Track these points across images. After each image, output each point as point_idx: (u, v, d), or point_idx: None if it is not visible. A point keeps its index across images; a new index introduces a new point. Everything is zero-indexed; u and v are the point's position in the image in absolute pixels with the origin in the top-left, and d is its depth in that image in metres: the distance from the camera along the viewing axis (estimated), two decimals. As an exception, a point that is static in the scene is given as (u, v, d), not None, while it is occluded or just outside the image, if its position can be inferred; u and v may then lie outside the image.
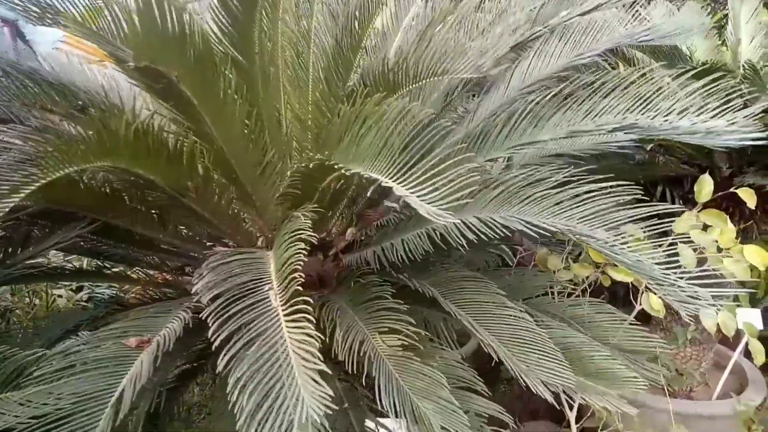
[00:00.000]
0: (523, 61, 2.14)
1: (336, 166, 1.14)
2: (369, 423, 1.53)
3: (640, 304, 1.88)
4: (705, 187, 2.10)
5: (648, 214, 1.38)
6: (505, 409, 1.52)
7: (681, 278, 1.24)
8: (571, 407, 1.96)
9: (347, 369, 1.33)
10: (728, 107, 1.38)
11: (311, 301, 1.00)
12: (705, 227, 1.95)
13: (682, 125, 1.38)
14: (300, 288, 1.01)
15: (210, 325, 1.00)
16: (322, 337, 0.96)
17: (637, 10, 2.18)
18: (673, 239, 1.74)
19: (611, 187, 1.37)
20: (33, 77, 1.65)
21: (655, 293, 1.78)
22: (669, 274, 1.17)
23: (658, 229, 1.42)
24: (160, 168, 1.55)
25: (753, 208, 2.22)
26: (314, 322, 0.96)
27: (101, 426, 1.05)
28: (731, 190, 2.20)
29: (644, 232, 1.42)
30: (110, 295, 3.51)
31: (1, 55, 1.59)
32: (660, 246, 1.45)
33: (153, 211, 1.84)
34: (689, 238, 1.84)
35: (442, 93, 2.11)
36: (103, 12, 1.32)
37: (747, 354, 2.41)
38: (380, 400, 1.26)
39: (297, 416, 0.88)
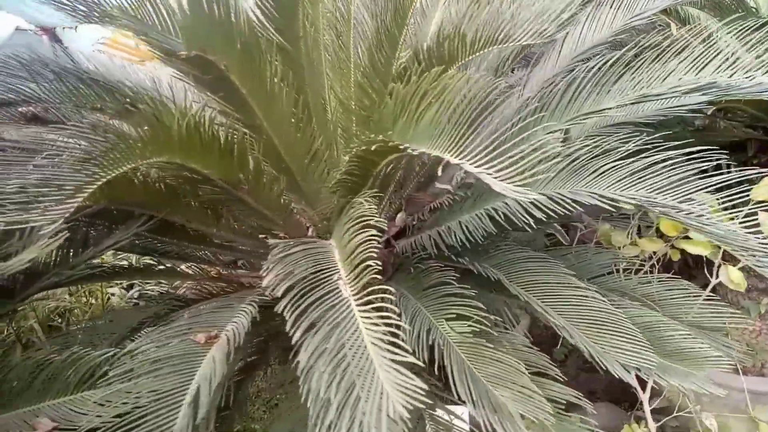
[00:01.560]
0: (574, 28, 2.03)
1: (400, 147, 1.08)
2: (439, 411, 1.49)
3: (716, 278, 1.77)
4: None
5: (729, 182, 1.28)
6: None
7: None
8: (643, 388, 1.87)
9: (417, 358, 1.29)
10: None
11: (392, 290, 0.95)
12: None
13: (766, 81, 1.27)
14: (377, 276, 0.97)
15: (288, 318, 0.97)
16: (401, 326, 0.92)
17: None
18: (751, 208, 1.62)
19: (688, 154, 1.28)
20: (83, 78, 1.65)
21: (732, 266, 1.67)
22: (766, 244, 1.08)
23: (734, 197, 1.32)
24: (213, 162, 1.52)
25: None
26: (396, 312, 0.91)
27: (180, 423, 1.03)
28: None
29: (719, 200, 1.32)
30: (160, 292, 3.58)
31: (54, 58, 1.59)
32: (740, 215, 1.35)
33: (206, 206, 1.83)
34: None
35: (491, 66, 2.02)
36: (149, 6, 1.29)
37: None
38: (455, 389, 1.21)
39: (370, 413, 0.85)
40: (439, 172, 1.08)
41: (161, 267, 2.00)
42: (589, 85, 1.55)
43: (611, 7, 1.93)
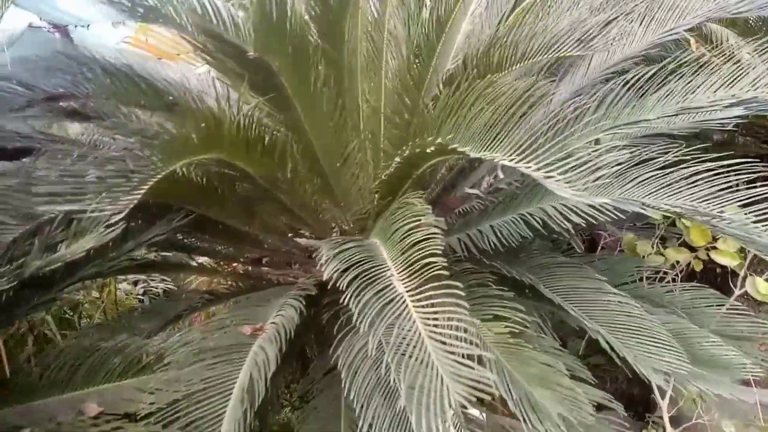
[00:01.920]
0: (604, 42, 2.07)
1: (458, 150, 1.11)
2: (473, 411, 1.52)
3: (740, 289, 1.80)
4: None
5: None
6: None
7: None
8: (662, 396, 1.90)
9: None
10: None
11: (458, 284, 0.98)
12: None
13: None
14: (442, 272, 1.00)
15: (354, 309, 1.00)
16: (463, 316, 0.95)
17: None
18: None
19: (726, 166, 1.31)
20: (129, 75, 1.68)
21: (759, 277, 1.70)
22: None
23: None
24: (256, 160, 1.56)
25: None
26: (466, 308, 0.94)
27: (231, 409, 1.06)
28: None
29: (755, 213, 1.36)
30: (164, 289, 3.60)
31: (102, 53, 1.62)
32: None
33: (241, 204, 1.86)
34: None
35: (520, 77, 2.06)
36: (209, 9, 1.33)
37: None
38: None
39: (433, 402, 0.88)
40: (500, 174, 1.11)
41: (191, 263, 2.03)
42: (625, 96, 1.59)
43: (641, 23, 1.97)
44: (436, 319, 0.99)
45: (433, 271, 0.99)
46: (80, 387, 1.32)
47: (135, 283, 4.01)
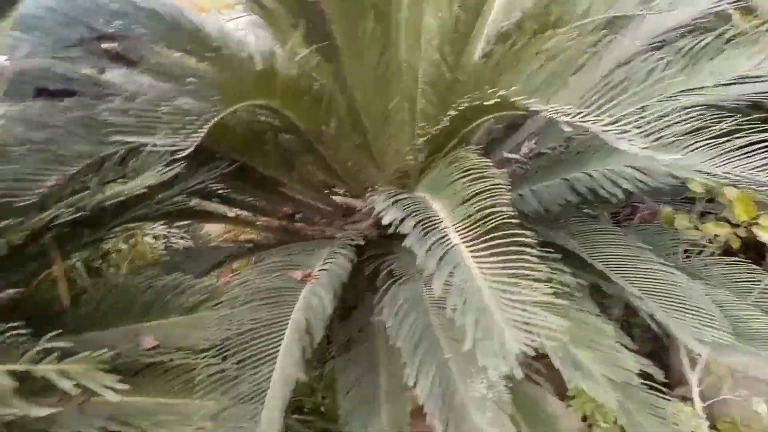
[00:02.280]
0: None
1: (519, 104, 1.10)
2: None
3: (780, 266, 1.79)
4: None
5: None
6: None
7: None
8: (693, 368, 1.91)
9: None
10: None
11: (527, 234, 0.99)
12: None
13: None
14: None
15: (420, 257, 1.01)
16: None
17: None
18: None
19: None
20: (175, 20, 1.68)
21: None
22: None
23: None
24: (304, 110, 1.56)
25: None
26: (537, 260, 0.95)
27: (286, 345, 1.09)
28: None
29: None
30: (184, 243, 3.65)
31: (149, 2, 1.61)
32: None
33: (283, 156, 1.86)
34: None
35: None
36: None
37: None
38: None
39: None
40: (567, 129, 1.09)
41: (228, 213, 2.05)
42: (681, 62, 1.56)
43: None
44: (493, 269, 1.00)
45: (498, 223, 0.99)
46: (136, 321, 1.36)
47: (155, 238, 4.08)
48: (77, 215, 1.15)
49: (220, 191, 2.04)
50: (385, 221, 1.13)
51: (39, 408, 0.97)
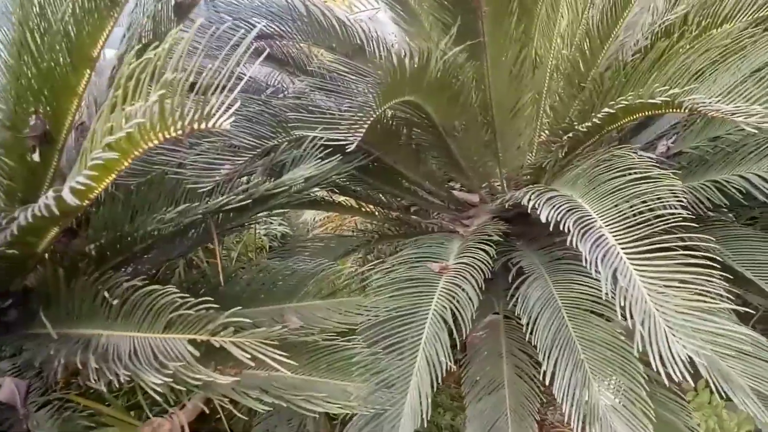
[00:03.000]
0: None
1: (685, 105, 1.07)
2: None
3: None
4: None
5: None
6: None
7: None
8: None
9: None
10: None
11: (710, 238, 0.97)
12: None
13: None
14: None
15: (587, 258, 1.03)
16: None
17: None
18: None
19: None
20: (320, 21, 1.77)
21: None
22: None
23: None
24: (442, 106, 1.60)
25: None
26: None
27: (428, 332, 1.13)
28: None
29: None
30: (282, 233, 3.82)
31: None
32: None
33: (413, 150, 1.92)
34: None
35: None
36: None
37: None
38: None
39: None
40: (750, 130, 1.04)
41: (354, 204, 2.14)
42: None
43: None
44: (653, 275, 0.99)
45: (664, 226, 0.98)
46: (280, 302, 1.46)
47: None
48: (247, 201, 1.26)
49: (343, 183, 2.14)
50: (542, 218, 1.14)
51: (222, 376, 1.07)
